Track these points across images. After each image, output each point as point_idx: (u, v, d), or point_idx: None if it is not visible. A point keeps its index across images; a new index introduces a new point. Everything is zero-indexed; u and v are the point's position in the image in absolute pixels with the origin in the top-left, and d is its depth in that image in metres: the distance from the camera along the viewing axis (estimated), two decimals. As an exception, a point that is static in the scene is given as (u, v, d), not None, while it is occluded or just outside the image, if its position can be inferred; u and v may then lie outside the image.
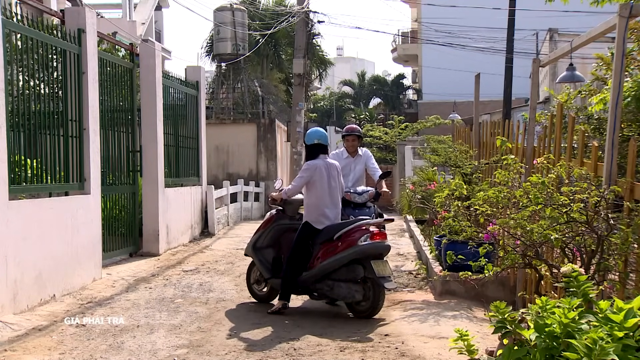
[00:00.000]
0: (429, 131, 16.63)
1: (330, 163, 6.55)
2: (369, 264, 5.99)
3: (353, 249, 6.04)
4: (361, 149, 7.99)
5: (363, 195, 7.22)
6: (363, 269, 6.02)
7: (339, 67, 46.83)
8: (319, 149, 6.53)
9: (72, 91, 7.44)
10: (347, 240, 6.10)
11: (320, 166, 6.41)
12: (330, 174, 6.45)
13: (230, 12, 21.59)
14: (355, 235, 6.09)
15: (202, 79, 12.55)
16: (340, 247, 6.10)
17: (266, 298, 6.76)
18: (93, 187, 7.69)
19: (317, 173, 6.38)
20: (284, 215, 6.78)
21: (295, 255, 6.30)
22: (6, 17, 6.17)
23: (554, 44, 19.82)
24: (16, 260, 6.01)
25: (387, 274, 6.07)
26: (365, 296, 6.03)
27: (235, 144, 19.55)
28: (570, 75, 9.69)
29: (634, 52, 6.71)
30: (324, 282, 6.16)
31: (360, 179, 7.84)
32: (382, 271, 6.01)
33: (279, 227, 6.69)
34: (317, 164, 6.41)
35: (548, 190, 4.31)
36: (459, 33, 26.86)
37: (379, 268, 6.01)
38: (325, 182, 6.40)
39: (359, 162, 7.87)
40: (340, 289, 6.08)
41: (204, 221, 12.47)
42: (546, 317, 2.66)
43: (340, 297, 6.14)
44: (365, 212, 7.02)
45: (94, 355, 4.88)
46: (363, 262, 6.03)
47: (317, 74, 29.83)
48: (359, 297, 6.02)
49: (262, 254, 6.69)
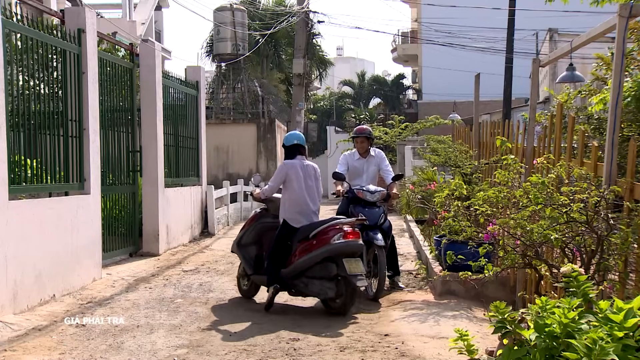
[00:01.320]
0: (429, 131, 16.64)
1: (308, 164, 6.75)
2: (342, 262, 6.14)
3: (326, 247, 6.19)
4: (373, 149, 7.91)
5: (375, 195, 7.22)
6: (336, 267, 6.17)
7: (339, 67, 46.79)
8: (297, 150, 6.75)
9: (72, 91, 7.44)
10: (321, 239, 6.26)
11: (296, 165, 6.62)
12: (306, 173, 6.64)
13: (230, 12, 21.61)
14: (329, 234, 6.25)
15: (202, 79, 12.56)
16: (314, 245, 6.27)
17: (248, 292, 7.00)
18: (93, 187, 7.69)
19: (292, 172, 6.58)
20: (267, 214, 6.99)
21: (274, 252, 6.49)
22: (6, 17, 6.17)
23: (554, 44, 19.82)
24: (16, 260, 6.01)
25: (359, 272, 6.17)
26: (338, 293, 6.18)
27: (235, 144, 19.57)
28: (570, 75, 9.68)
29: (634, 52, 6.71)
30: (300, 279, 6.33)
31: (373, 180, 7.75)
32: (354, 269, 6.13)
33: (262, 225, 6.91)
34: (293, 163, 6.64)
35: (548, 190, 4.31)
36: (459, 33, 26.85)
37: (351, 266, 6.14)
38: (302, 181, 6.58)
39: (371, 162, 7.80)
40: (314, 285, 6.25)
41: (204, 221, 12.47)
42: (546, 317, 2.66)
43: (313, 293, 6.30)
44: (375, 211, 7.09)
45: (94, 355, 4.88)
46: (336, 260, 6.18)
47: (317, 74, 29.82)
48: (332, 294, 6.18)
49: (246, 251, 6.90)
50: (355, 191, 7.27)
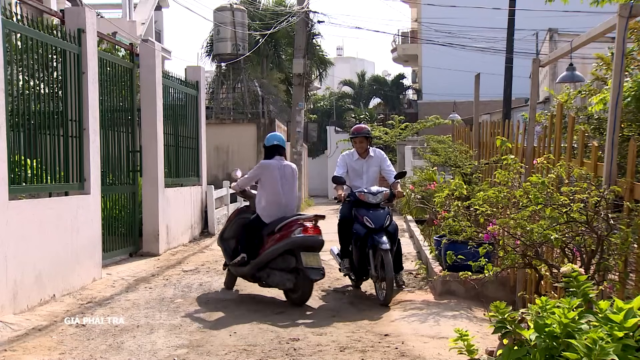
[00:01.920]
0: (429, 131, 16.64)
1: (285, 164, 7.13)
2: (300, 255, 6.49)
3: (286, 240, 6.57)
4: (373, 149, 7.67)
5: (377, 196, 6.98)
6: (295, 260, 6.54)
7: (339, 67, 46.72)
8: (276, 151, 7.12)
9: (72, 91, 7.44)
10: (283, 233, 6.63)
11: (273, 165, 7.00)
12: (283, 173, 7.00)
13: (230, 12, 21.57)
14: (291, 229, 6.61)
15: (202, 79, 12.56)
16: (278, 239, 6.64)
17: (226, 282, 7.42)
18: (93, 187, 7.70)
19: (268, 171, 6.96)
20: (247, 210, 7.36)
21: (243, 241, 6.91)
22: (6, 17, 6.17)
23: (554, 44, 19.81)
24: (16, 260, 6.01)
25: (316, 266, 6.51)
26: (297, 285, 6.54)
27: (235, 144, 19.54)
28: (570, 75, 9.68)
29: (634, 52, 6.71)
30: (264, 270, 6.72)
31: (374, 181, 7.48)
32: (311, 262, 6.49)
33: (241, 221, 7.24)
34: (270, 163, 7.01)
35: (548, 190, 4.31)
36: (459, 33, 26.84)
37: (308, 259, 6.50)
38: (277, 180, 6.93)
39: (371, 163, 7.54)
40: (275, 276, 6.63)
41: (204, 221, 12.48)
42: (546, 317, 2.66)
43: (274, 284, 6.68)
44: (380, 213, 6.87)
45: (93, 355, 4.88)
46: (295, 253, 6.55)
47: (317, 74, 29.79)
48: (290, 285, 6.55)
49: (227, 244, 7.29)
50: (357, 194, 7.04)
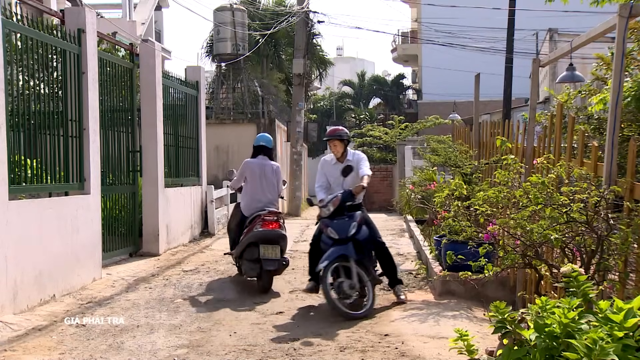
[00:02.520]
0: (429, 131, 16.66)
1: (267, 163, 7.76)
2: (260, 247, 7.15)
3: (250, 233, 7.26)
4: (352, 152, 6.97)
5: (328, 205, 6.48)
6: (258, 251, 7.17)
7: (339, 67, 46.74)
8: (261, 150, 7.81)
9: (72, 91, 7.44)
10: (250, 227, 7.36)
11: (255, 164, 7.72)
12: (263, 171, 7.68)
13: (230, 12, 21.56)
14: (255, 223, 7.30)
15: (202, 79, 12.55)
16: (246, 232, 7.38)
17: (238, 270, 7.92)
18: (93, 187, 7.70)
19: (249, 169, 7.71)
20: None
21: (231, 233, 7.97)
22: (6, 17, 6.17)
23: (554, 44, 19.82)
24: (16, 260, 6.01)
25: (273, 257, 7.14)
26: (260, 274, 7.19)
27: (235, 144, 19.52)
28: (570, 75, 9.69)
29: (634, 52, 6.71)
30: (241, 259, 7.40)
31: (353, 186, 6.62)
32: (268, 254, 7.14)
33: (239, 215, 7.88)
34: (252, 162, 7.75)
35: (548, 190, 4.31)
36: (459, 33, 26.84)
37: (267, 251, 7.15)
38: (257, 177, 7.65)
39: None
40: (244, 266, 7.31)
41: (204, 221, 12.47)
42: (546, 317, 2.66)
43: (244, 273, 7.39)
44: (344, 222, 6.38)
45: (93, 355, 4.88)
46: (258, 245, 7.19)
47: (317, 74, 29.77)
48: (254, 274, 7.24)
49: (231, 234, 8.09)
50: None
